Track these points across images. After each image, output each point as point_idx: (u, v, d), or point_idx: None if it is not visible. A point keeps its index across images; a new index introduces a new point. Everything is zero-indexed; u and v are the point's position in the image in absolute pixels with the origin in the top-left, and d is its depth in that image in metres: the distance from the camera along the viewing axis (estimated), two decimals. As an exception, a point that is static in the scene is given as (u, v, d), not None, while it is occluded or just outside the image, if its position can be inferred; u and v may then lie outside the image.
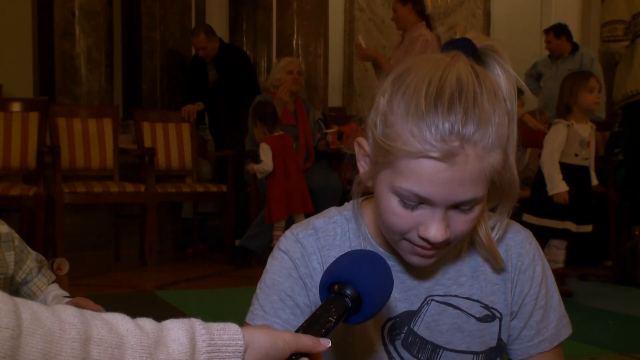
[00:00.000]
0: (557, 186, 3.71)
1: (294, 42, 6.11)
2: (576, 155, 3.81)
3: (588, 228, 3.84)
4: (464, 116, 0.85)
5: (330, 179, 4.92)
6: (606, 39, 4.80)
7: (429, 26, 4.80)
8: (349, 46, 7.50)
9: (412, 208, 0.89)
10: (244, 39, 6.42)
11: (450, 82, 0.86)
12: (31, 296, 1.65)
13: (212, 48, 5.51)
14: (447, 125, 0.84)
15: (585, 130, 3.84)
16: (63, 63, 5.32)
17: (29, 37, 6.50)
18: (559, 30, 6.10)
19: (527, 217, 3.83)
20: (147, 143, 5.09)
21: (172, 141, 5.22)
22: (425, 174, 0.85)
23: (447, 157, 0.84)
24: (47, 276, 1.71)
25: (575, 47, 6.10)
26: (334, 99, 7.21)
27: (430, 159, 0.85)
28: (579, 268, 4.57)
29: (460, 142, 0.84)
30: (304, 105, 5.27)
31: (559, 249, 3.83)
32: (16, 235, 1.65)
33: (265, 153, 4.53)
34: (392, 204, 0.90)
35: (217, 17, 6.33)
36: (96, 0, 5.33)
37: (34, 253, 1.70)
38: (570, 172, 3.77)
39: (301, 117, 5.17)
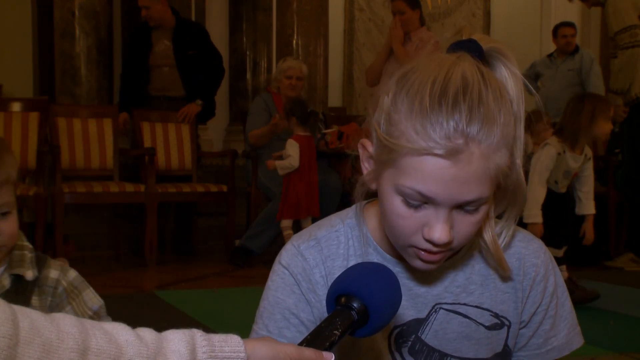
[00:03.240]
0: (535, 215, 3.45)
1: (294, 42, 6.11)
2: (556, 182, 3.61)
3: (559, 253, 3.56)
4: (469, 114, 0.83)
5: (330, 178, 4.91)
6: (628, 45, 4.78)
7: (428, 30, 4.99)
8: (349, 46, 7.50)
9: (416, 208, 0.87)
10: (244, 39, 6.40)
11: (455, 80, 0.85)
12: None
13: (156, 10, 5.12)
14: (451, 123, 0.83)
15: (577, 160, 3.59)
16: (63, 63, 5.32)
17: (29, 37, 6.50)
18: (574, 27, 6.10)
19: None
20: (147, 143, 5.08)
21: (172, 141, 5.21)
22: (429, 171, 0.84)
23: (451, 154, 0.83)
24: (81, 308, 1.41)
25: (576, 48, 6.10)
26: (334, 99, 7.21)
27: (434, 156, 0.83)
28: (579, 268, 4.56)
29: (464, 140, 0.83)
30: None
31: None
32: (67, 283, 1.42)
33: (295, 149, 4.54)
34: (396, 204, 0.88)
35: (217, 17, 6.32)
36: (96, 0, 5.33)
37: (90, 303, 1.43)
38: (548, 196, 3.52)
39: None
